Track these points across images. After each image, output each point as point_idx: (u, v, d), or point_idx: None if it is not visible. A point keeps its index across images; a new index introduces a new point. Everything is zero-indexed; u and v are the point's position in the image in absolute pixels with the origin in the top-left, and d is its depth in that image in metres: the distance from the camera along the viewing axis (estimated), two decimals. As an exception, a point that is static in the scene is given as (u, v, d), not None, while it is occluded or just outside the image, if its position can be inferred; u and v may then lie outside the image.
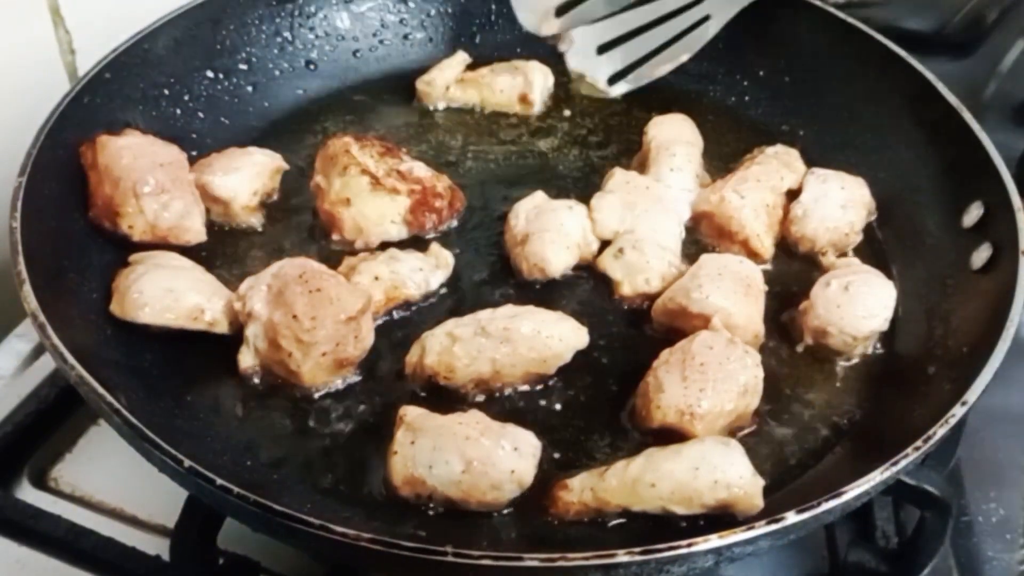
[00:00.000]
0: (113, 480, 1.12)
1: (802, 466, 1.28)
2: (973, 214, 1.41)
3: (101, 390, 1.13)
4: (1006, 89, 1.41)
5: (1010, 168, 1.34)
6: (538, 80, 1.74)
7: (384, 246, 1.49)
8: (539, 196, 1.51)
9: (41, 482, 1.43)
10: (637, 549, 1.02)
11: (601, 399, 1.35)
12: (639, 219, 1.48)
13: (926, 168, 1.52)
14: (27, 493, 1.41)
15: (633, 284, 1.43)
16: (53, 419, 1.46)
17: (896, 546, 1.34)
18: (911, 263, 1.48)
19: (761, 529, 1.02)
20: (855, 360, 1.39)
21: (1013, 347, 1.21)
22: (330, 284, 1.32)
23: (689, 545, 1.02)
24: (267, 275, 1.34)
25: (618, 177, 1.54)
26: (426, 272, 1.43)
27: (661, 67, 1.78)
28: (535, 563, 1.01)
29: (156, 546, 1.32)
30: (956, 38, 2.08)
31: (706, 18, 1.71)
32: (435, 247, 1.48)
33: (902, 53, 1.57)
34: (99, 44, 1.51)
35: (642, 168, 1.60)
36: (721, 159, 1.66)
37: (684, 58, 1.76)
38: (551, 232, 1.44)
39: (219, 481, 1.06)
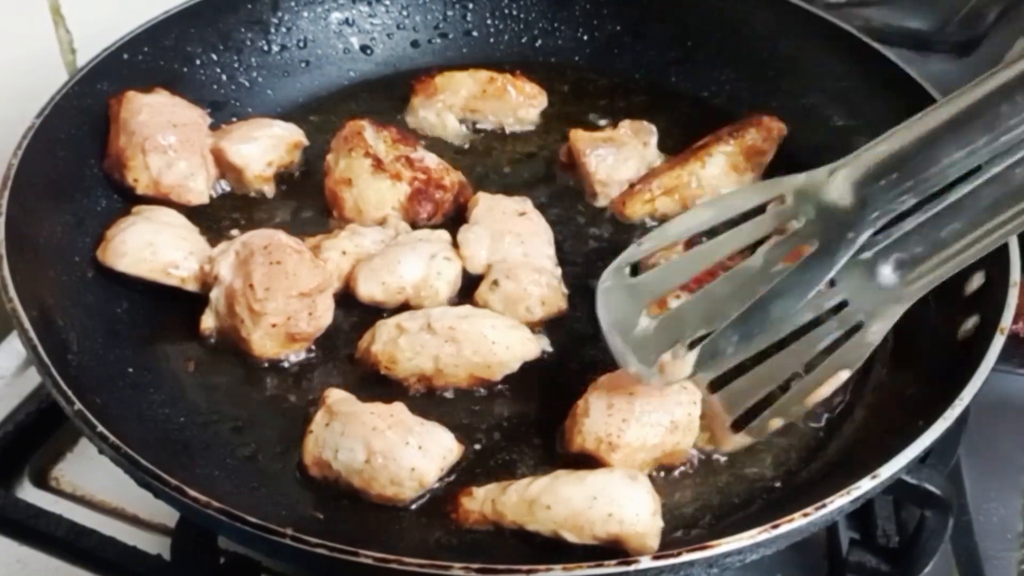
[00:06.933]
0: (114, 479, 1.14)
1: (717, 516, 1.22)
2: (975, 283, 1.31)
3: (29, 327, 1.18)
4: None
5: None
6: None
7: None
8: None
9: (42, 481, 1.45)
10: (475, 565, 0.99)
11: (542, 415, 1.31)
12: (509, 246, 1.43)
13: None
14: (28, 492, 1.43)
15: (515, 314, 1.37)
16: (54, 418, 1.46)
17: (897, 545, 1.32)
18: (914, 332, 1.38)
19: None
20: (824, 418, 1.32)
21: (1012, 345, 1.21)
22: (291, 258, 1.34)
23: (529, 571, 0.99)
24: (238, 242, 1.37)
25: (482, 204, 1.49)
26: (386, 243, 1.44)
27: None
28: (368, 560, 0.99)
29: (157, 545, 1.34)
30: (956, 38, 2.03)
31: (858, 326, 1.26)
32: (392, 219, 1.48)
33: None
34: (100, 44, 1.55)
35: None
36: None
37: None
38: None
39: (96, 423, 1.09)
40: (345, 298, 1.41)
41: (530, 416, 1.32)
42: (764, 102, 1.70)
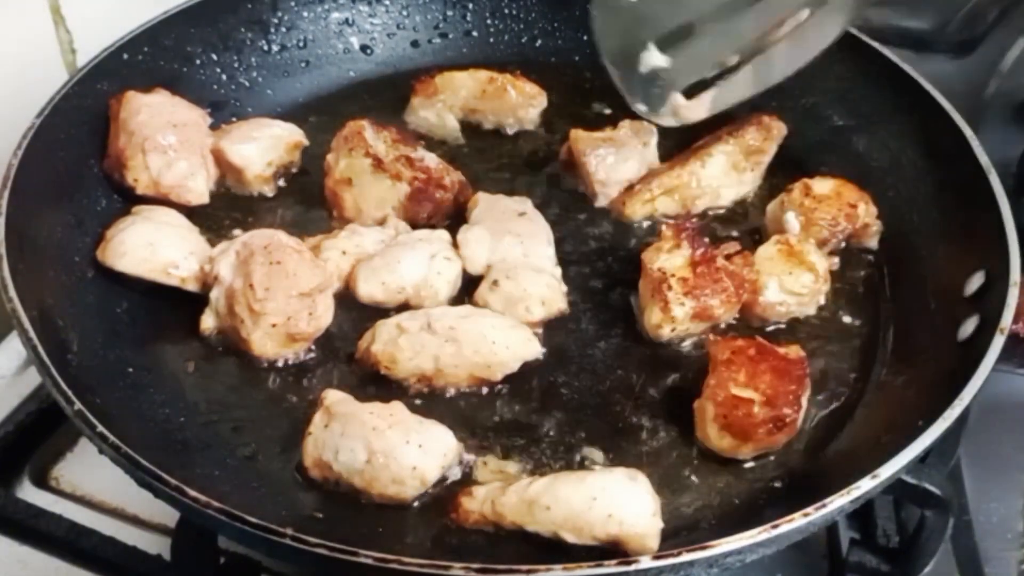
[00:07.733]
0: (114, 479, 1.14)
1: (717, 516, 1.22)
2: (975, 283, 1.31)
3: (29, 327, 1.18)
4: (1006, 89, 1.32)
5: (1010, 169, 1.23)
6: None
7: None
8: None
9: (42, 481, 1.45)
10: (475, 565, 0.99)
11: (542, 415, 1.32)
12: (509, 246, 1.43)
13: (944, 229, 1.42)
14: (28, 492, 1.43)
15: (515, 314, 1.37)
16: (54, 418, 1.46)
17: (897, 545, 1.32)
18: (914, 332, 1.38)
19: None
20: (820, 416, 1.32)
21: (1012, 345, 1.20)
22: (291, 258, 1.34)
23: (529, 571, 0.99)
24: (238, 242, 1.37)
25: (482, 204, 1.50)
26: (386, 243, 1.44)
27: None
28: (368, 560, 0.99)
29: (157, 545, 1.34)
30: (956, 38, 1.99)
31: None
32: (392, 219, 1.48)
33: (946, 105, 1.46)
34: (100, 44, 1.55)
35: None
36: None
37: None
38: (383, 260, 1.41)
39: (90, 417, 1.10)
40: (345, 298, 1.41)
41: (530, 416, 1.31)
42: (764, 102, 1.68)
